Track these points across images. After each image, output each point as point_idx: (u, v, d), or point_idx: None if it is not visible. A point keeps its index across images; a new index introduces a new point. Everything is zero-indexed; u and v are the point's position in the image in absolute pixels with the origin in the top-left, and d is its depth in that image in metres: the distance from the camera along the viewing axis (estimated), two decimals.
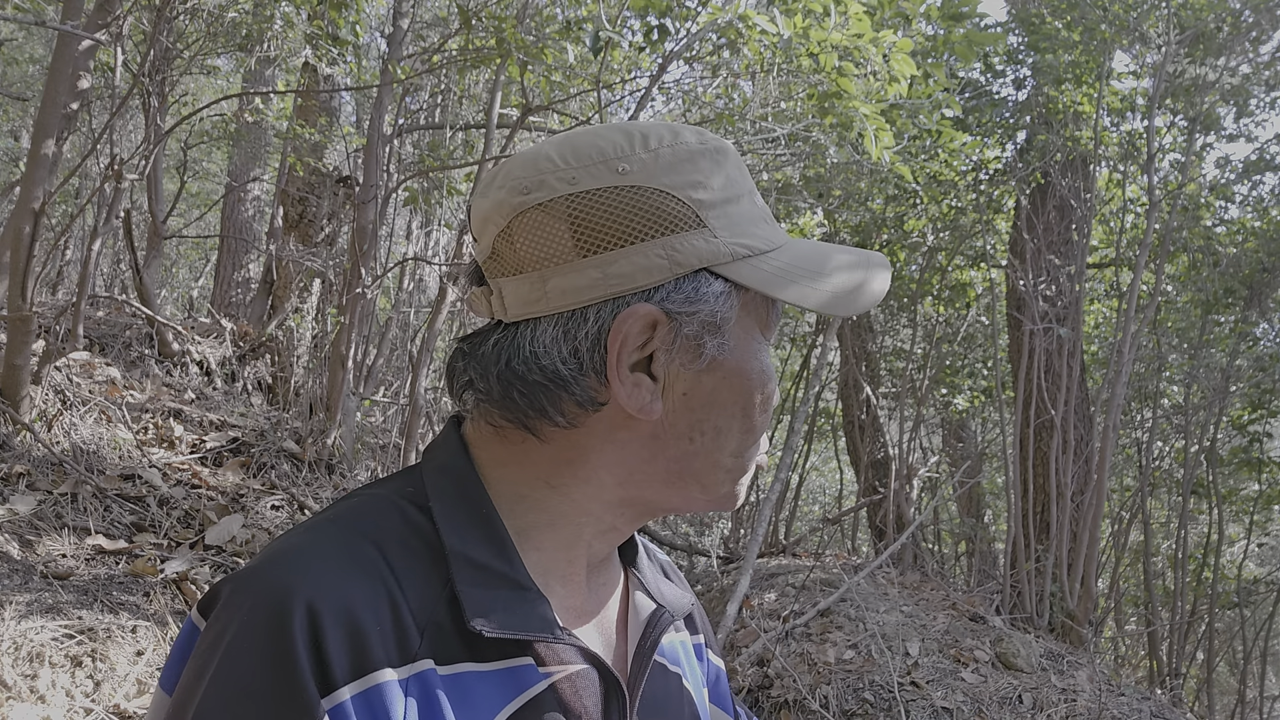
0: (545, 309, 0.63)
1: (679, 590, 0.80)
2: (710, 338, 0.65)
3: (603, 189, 0.63)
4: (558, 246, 0.63)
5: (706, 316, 0.64)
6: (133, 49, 4.90)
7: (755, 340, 0.68)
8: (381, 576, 0.59)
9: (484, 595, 0.61)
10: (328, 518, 0.64)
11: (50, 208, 3.63)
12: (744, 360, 0.67)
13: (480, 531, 0.64)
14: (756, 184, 5.07)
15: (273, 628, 0.55)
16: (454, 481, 0.67)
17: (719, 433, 0.67)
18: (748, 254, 0.65)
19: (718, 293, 0.64)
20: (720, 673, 0.86)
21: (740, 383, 0.67)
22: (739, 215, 0.66)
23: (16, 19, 2.99)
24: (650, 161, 0.64)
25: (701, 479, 0.68)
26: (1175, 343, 6.80)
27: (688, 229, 0.64)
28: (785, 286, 0.65)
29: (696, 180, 0.65)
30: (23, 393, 3.45)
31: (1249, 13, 5.56)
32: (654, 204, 0.63)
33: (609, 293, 0.63)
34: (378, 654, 0.56)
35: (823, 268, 0.68)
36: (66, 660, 2.48)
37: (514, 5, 4.34)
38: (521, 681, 0.61)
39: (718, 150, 0.67)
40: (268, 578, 0.58)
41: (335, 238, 6.01)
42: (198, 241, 10.82)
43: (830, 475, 11.33)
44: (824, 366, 6.40)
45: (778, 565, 5.58)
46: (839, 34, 3.37)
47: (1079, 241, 5.72)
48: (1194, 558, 6.90)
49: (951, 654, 3.98)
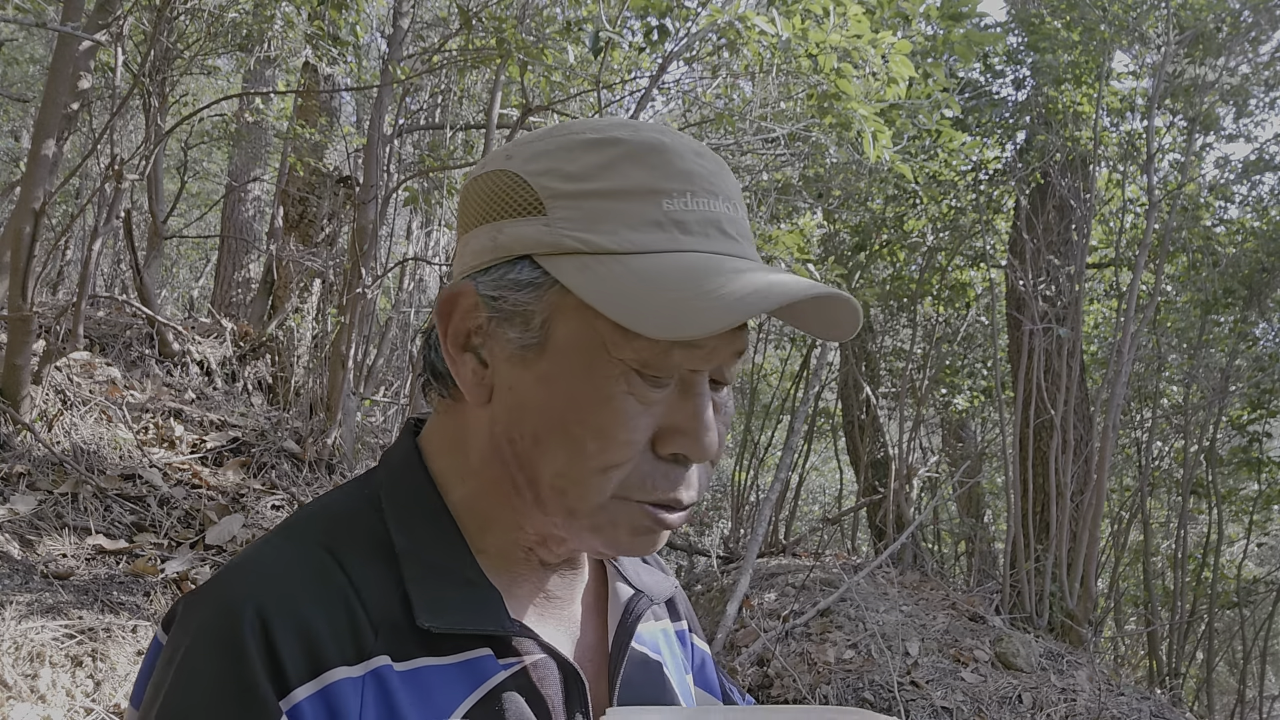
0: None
1: (659, 576, 0.80)
2: (514, 329, 0.62)
3: (488, 173, 0.65)
4: (460, 227, 0.68)
5: (510, 305, 0.62)
6: (133, 49, 4.90)
7: (596, 355, 0.60)
8: (335, 580, 0.60)
9: (433, 593, 0.62)
10: (283, 528, 0.65)
11: (50, 208, 3.63)
12: (571, 371, 0.61)
13: (429, 529, 0.65)
14: (756, 184, 5.05)
15: (225, 637, 0.56)
16: (405, 481, 0.68)
17: (537, 442, 0.62)
18: (581, 249, 0.60)
19: (523, 281, 0.61)
20: (705, 656, 0.86)
21: (559, 394, 0.61)
22: (604, 212, 0.60)
23: (16, 20, 2.99)
24: (527, 147, 0.64)
25: (536, 490, 0.63)
26: (1175, 343, 6.80)
27: (525, 215, 0.62)
28: (604, 291, 0.58)
29: (555, 168, 0.62)
30: (23, 393, 3.45)
31: (1248, 13, 5.56)
32: (504, 187, 0.64)
33: (459, 270, 0.66)
34: (331, 653, 0.57)
35: (693, 285, 0.58)
36: (67, 660, 2.49)
37: (514, 5, 4.34)
38: (480, 673, 0.62)
39: (616, 143, 0.62)
40: (219, 591, 0.59)
41: (335, 238, 6.01)
42: (198, 241, 10.82)
43: (830, 475, 11.33)
44: (824, 366, 6.40)
45: (778, 565, 5.58)
46: (838, 35, 3.37)
47: (1079, 241, 5.72)
48: (1194, 558, 6.90)
49: (951, 654, 3.99)
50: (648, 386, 0.61)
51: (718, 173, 0.65)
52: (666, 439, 0.62)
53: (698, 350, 0.61)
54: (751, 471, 7.30)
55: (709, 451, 0.63)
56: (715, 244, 0.62)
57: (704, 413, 0.62)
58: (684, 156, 0.63)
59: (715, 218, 0.62)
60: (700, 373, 0.63)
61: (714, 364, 0.63)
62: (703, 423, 0.62)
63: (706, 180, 0.63)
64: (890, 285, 6.49)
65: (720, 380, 0.66)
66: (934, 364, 6.89)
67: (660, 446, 0.62)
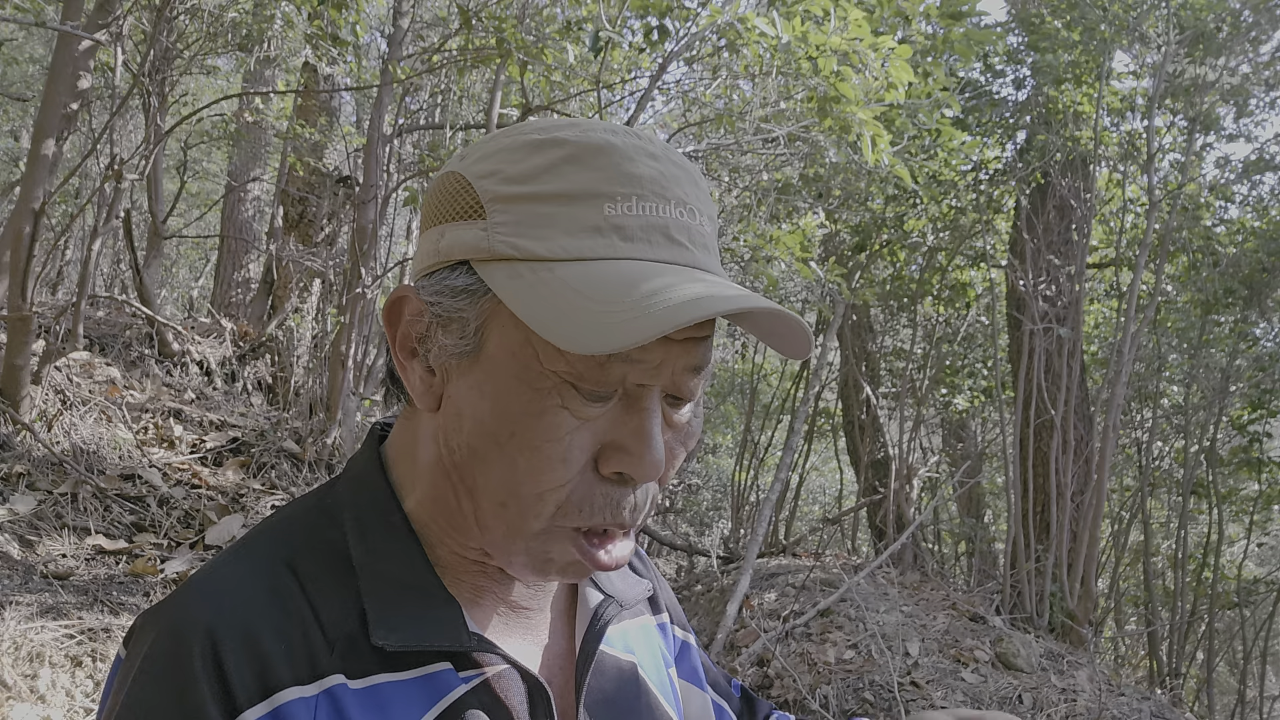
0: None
1: (633, 579, 0.78)
2: (452, 336, 0.60)
3: (443, 174, 0.64)
4: (420, 229, 0.67)
5: (447, 311, 0.61)
6: (132, 49, 4.90)
7: (528, 366, 0.58)
8: (290, 596, 0.60)
9: (390, 607, 0.61)
10: (242, 543, 0.65)
11: (50, 208, 3.63)
12: (503, 381, 0.58)
13: (387, 540, 0.64)
14: (756, 184, 5.04)
15: (173, 659, 0.56)
16: (365, 490, 0.67)
17: (473, 453, 0.60)
18: (514, 255, 0.58)
19: (458, 287, 0.60)
20: (685, 644, 0.84)
21: (491, 405, 0.59)
22: (542, 216, 0.58)
23: (16, 19, 2.99)
24: (479, 148, 0.63)
25: (476, 504, 0.61)
26: (1175, 343, 6.80)
27: (467, 218, 0.60)
28: (529, 300, 0.56)
29: (498, 170, 0.60)
30: (23, 393, 3.45)
31: (1249, 13, 5.56)
32: (451, 189, 0.62)
33: (412, 274, 0.65)
34: (283, 674, 0.56)
35: (617, 296, 0.54)
36: (66, 660, 2.49)
37: (514, 5, 4.34)
38: (440, 688, 0.61)
39: (560, 144, 0.59)
40: (170, 611, 0.59)
41: (335, 238, 6.01)
42: (198, 241, 10.82)
43: (830, 475, 11.33)
44: (824, 366, 6.40)
45: (778, 565, 5.58)
46: (838, 38, 3.37)
47: (1079, 241, 5.72)
48: (1194, 558, 6.90)
49: (951, 654, 3.99)
50: (584, 401, 0.57)
51: (674, 175, 0.61)
52: (608, 457, 0.59)
53: (640, 364, 0.57)
54: (751, 471, 7.30)
55: (653, 471, 0.59)
56: (658, 251, 0.58)
57: (649, 430, 0.58)
58: (633, 159, 0.59)
59: (661, 223, 0.59)
60: (648, 387, 0.59)
61: (662, 379, 0.59)
62: (647, 441, 0.58)
63: (656, 184, 0.59)
64: (890, 285, 6.49)
65: (679, 396, 0.61)
66: (934, 364, 6.89)
67: (602, 465, 0.59)
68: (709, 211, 0.63)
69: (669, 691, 0.77)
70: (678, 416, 0.62)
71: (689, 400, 0.62)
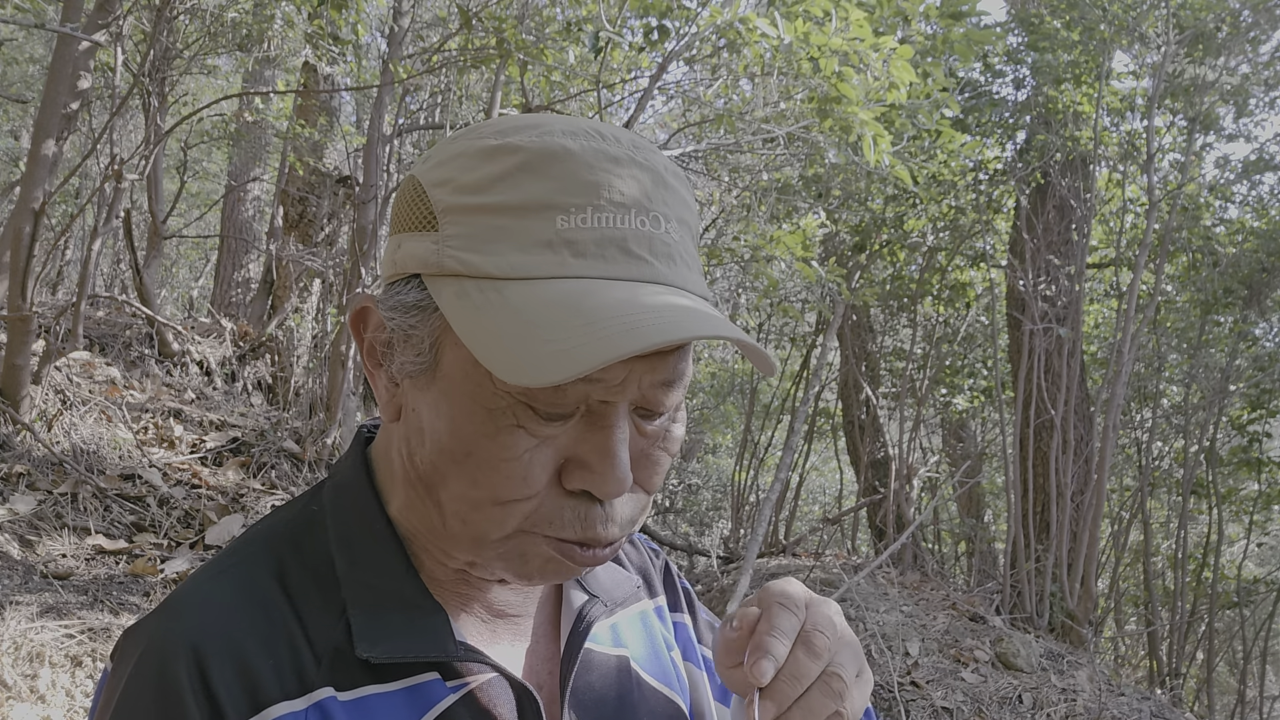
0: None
1: (621, 576, 0.76)
2: (408, 351, 0.59)
3: (407, 177, 0.62)
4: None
5: (399, 326, 0.59)
6: (132, 49, 4.90)
7: (481, 385, 0.55)
8: (277, 609, 0.59)
9: (374, 618, 0.60)
10: (228, 554, 0.64)
11: (50, 208, 3.63)
12: (458, 400, 0.56)
13: (371, 548, 0.63)
14: (756, 184, 5.04)
15: (158, 678, 0.55)
16: (349, 495, 0.66)
17: (434, 468, 0.59)
18: (461, 271, 0.55)
19: (409, 303, 0.58)
20: (681, 626, 0.82)
21: (447, 423, 0.57)
22: (494, 230, 0.55)
23: (16, 20, 2.99)
24: (437, 152, 0.61)
25: (442, 514, 0.60)
26: (1175, 343, 6.80)
27: (421, 229, 0.58)
28: (472, 321, 0.54)
29: (452, 178, 0.58)
30: (23, 393, 3.45)
31: (1248, 13, 5.56)
32: (409, 197, 0.60)
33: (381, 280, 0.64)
34: (271, 689, 0.56)
35: (556, 323, 0.52)
36: (66, 660, 2.49)
37: (514, 5, 4.34)
38: (428, 698, 0.60)
39: (514, 151, 0.56)
40: (154, 627, 0.58)
41: (335, 238, 6.01)
42: (198, 241, 10.83)
43: (830, 475, 11.33)
44: (824, 366, 6.40)
45: (778, 565, 5.58)
46: (839, 39, 3.37)
47: (1079, 241, 5.72)
48: (1194, 558, 6.91)
49: (951, 654, 3.99)
50: (540, 421, 0.55)
51: (637, 180, 0.57)
52: (571, 473, 0.57)
53: (601, 383, 0.55)
54: (751, 471, 7.31)
55: (617, 489, 0.56)
56: (613, 267, 0.55)
57: (612, 449, 0.56)
58: (591, 166, 0.56)
59: (618, 236, 0.55)
60: (611, 404, 0.56)
61: (628, 396, 0.56)
62: (610, 460, 0.56)
63: (616, 192, 0.56)
64: (890, 285, 6.49)
65: (650, 409, 0.58)
66: (934, 364, 6.89)
67: (566, 480, 0.57)
68: (680, 214, 0.59)
69: (671, 676, 0.76)
70: (651, 427, 0.59)
71: (661, 414, 0.59)
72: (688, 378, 0.60)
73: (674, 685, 0.75)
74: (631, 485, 0.59)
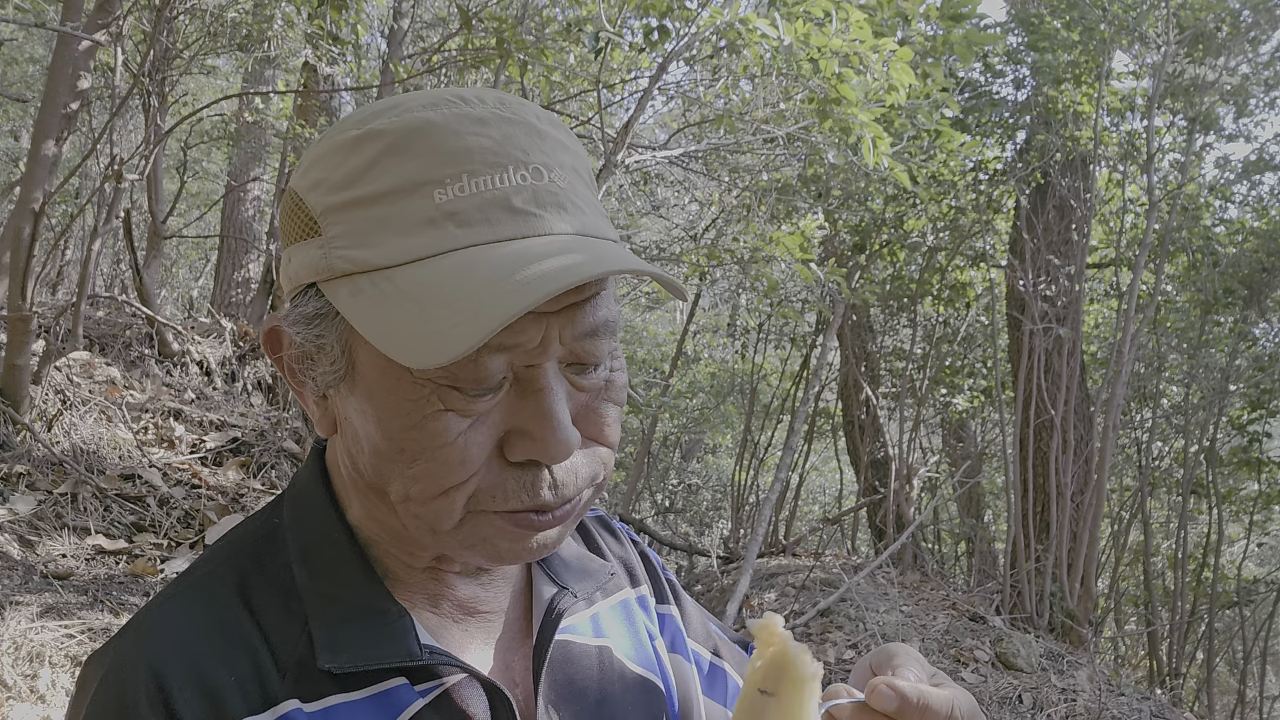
0: None
1: (596, 564, 0.75)
2: (322, 364, 0.58)
3: (287, 190, 0.61)
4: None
5: (307, 340, 0.58)
6: (132, 49, 4.90)
7: (400, 379, 0.55)
8: (238, 625, 0.59)
9: (336, 628, 0.59)
10: (188, 573, 0.64)
11: (50, 208, 3.63)
12: (381, 399, 0.56)
13: (330, 558, 0.62)
14: (756, 184, 5.03)
15: (119, 703, 0.55)
16: (307, 506, 0.65)
17: (377, 471, 0.58)
18: (352, 269, 0.54)
19: (309, 314, 0.57)
20: (666, 618, 0.80)
21: (376, 424, 0.56)
22: (374, 221, 0.54)
23: (16, 20, 2.99)
24: (307, 155, 0.59)
25: (393, 510, 0.59)
26: (1175, 343, 6.80)
27: (305, 237, 0.57)
28: (369, 314, 0.53)
29: (323, 178, 0.56)
30: (23, 393, 3.45)
31: (1248, 13, 5.56)
32: (289, 208, 0.59)
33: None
34: (235, 705, 0.55)
35: (448, 298, 0.51)
36: (66, 660, 2.49)
37: (514, 5, 4.34)
38: (396, 704, 0.59)
39: (377, 136, 0.55)
40: (114, 653, 0.58)
41: None
42: (198, 241, 10.82)
43: (830, 475, 11.33)
44: (824, 366, 6.40)
45: (778, 565, 5.58)
46: (839, 40, 3.37)
47: (1079, 241, 5.72)
48: (1194, 558, 6.91)
49: (951, 654, 3.99)
50: (468, 399, 0.54)
51: (509, 137, 0.56)
52: (513, 444, 0.56)
53: (517, 348, 0.54)
54: (751, 471, 7.30)
55: (563, 451, 0.55)
56: (500, 228, 0.54)
57: (549, 410, 0.55)
58: (458, 133, 0.55)
59: (500, 196, 0.54)
60: (537, 366, 0.55)
61: (551, 354, 0.55)
62: (550, 423, 0.54)
63: (489, 153, 0.55)
64: (890, 285, 6.49)
65: (582, 362, 0.57)
66: (934, 364, 6.89)
67: (509, 453, 0.56)
68: (563, 160, 0.58)
69: (654, 665, 0.75)
70: (587, 380, 0.58)
71: (595, 364, 0.58)
72: (614, 322, 0.59)
73: (655, 671, 0.75)
74: (582, 441, 0.58)
